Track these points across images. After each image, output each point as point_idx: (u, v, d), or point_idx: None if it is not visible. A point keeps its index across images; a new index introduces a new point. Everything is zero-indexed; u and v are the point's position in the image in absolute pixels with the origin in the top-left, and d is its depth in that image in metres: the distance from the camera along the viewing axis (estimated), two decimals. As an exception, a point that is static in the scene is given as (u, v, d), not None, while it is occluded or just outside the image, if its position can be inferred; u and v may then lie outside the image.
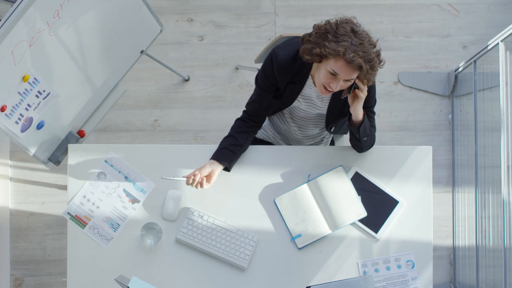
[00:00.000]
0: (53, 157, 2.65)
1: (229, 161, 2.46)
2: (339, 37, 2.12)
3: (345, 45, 2.11)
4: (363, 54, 2.11)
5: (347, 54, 2.11)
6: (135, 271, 2.48)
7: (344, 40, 2.11)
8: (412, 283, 2.49)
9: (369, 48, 2.13)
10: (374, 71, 2.17)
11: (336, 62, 2.14)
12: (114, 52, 2.69)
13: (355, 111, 2.31)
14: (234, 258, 2.47)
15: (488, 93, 3.11)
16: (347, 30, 2.13)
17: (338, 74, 2.16)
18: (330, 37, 2.13)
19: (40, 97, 2.42)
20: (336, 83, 2.18)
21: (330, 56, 2.13)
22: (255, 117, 2.49)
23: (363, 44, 2.12)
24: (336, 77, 2.17)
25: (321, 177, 2.51)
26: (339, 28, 2.14)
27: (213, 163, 2.44)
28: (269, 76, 2.35)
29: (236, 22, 3.49)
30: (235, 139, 2.46)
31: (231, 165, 2.47)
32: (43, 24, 2.24)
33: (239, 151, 2.47)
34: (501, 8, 3.51)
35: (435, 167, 3.31)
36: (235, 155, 2.47)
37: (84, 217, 2.51)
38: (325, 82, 2.20)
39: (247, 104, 2.50)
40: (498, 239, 2.94)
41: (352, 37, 2.12)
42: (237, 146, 2.46)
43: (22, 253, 3.33)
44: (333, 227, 2.49)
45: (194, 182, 2.39)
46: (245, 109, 2.51)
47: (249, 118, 2.49)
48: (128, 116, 3.43)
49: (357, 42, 2.11)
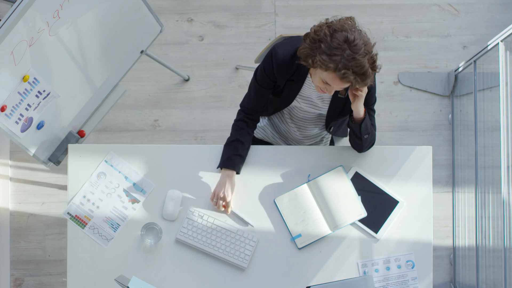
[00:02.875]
0: (53, 157, 2.65)
1: (240, 166, 2.49)
2: (332, 50, 2.07)
3: (337, 60, 2.07)
4: (356, 68, 2.08)
5: (337, 70, 2.08)
6: (135, 271, 2.48)
7: (336, 54, 2.07)
8: (412, 283, 2.49)
9: (363, 61, 2.08)
10: (367, 79, 2.14)
11: (328, 75, 2.13)
12: (114, 52, 2.69)
13: (356, 108, 2.31)
14: (234, 258, 2.47)
15: (488, 93, 3.11)
16: (341, 41, 2.07)
17: (330, 85, 2.17)
18: (323, 47, 2.09)
19: (40, 97, 2.42)
20: (330, 89, 2.20)
21: (322, 69, 2.12)
22: (254, 115, 2.49)
23: (356, 59, 2.07)
24: (329, 85, 2.18)
25: (321, 177, 2.51)
26: (333, 39, 2.08)
27: (230, 174, 2.46)
28: (268, 73, 2.35)
29: (236, 22, 3.50)
30: (241, 143, 2.47)
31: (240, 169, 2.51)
32: (43, 24, 2.24)
33: (246, 154, 2.50)
34: (501, 8, 3.51)
35: (435, 167, 3.31)
36: (243, 159, 2.49)
37: (84, 217, 2.51)
38: (320, 86, 2.21)
39: (244, 102, 2.49)
40: (498, 239, 2.94)
41: (345, 50, 2.07)
42: (244, 150, 2.48)
43: (22, 253, 3.33)
44: (333, 227, 2.49)
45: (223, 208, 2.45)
46: (242, 107, 2.50)
47: (247, 117, 2.49)
48: (128, 116, 3.43)
49: (350, 56, 2.07)
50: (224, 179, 2.46)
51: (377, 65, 2.16)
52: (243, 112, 2.50)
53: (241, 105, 2.51)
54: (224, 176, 2.46)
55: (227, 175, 2.46)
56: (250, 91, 2.46)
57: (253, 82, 2.43)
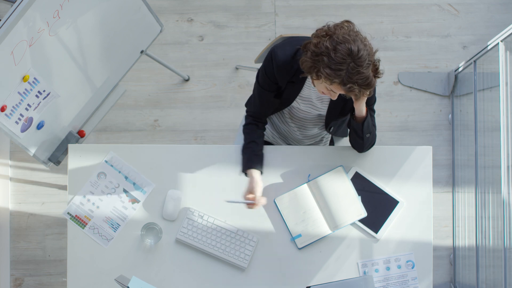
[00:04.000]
0: (53, 157, 2.65)
1: (261, 164, 2.48)
2: (336, 64, 2.05)
3: (341, 75, 2.05)
4: (361, 81, 2.06)
5: (342, 84, 2.07)
6: (135, 271, 2.48)
7: (340, 69, 2.05)
8: (412, 283, 2.49)
9: (367, 73, 2.06)
10: (372, 88, 2.13)
11: (333, 86, 2.12)
12: (114, 52, 2.69)
13: (359, 107, 2.31)
14: (234, 258, 2.47)
15: (488, 93, 3.11)
16: (344, 54, 2.04)
17: (335, 93, 2.17)
18: (326, 61, 2.06)
19: (40, 97, 2.42)
20: (334, 95, 2.20)
21: (326, 81, 2.11)
22: (262, 118, 2.50)
23: (360, 72, 2.05)
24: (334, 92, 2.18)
25: (321, 177, 2.51)
26: (337, 53, 2.04)
27: (255, 172, 2.45)
28: (270, 74, 2.35)
29: (236, 22, 3.49)
30: (256, 144, 2.48)
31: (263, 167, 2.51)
32: (43, 24, 2.24)
33: (262, 153, 2.50)
34: (501, 8, 3.51)
35: (435, 167, 3.31)
36: (262, 158, 2.49)
37: (84, 217, 2.51)
38: (324, 92, 2.21)
39: (251, 107, 2.49)
40: (498, 239, 2.94)
41: (349, 63, 2.04)
42: (260, 150, 2.49)
43: (22, 253, 3.33)
44: (333, 227, 2.49)
45: (257, 206, 2.43)
46: (249, 112, 2.50)
47: (257, 120, 2.49)
48: (128, 116, 3.43)
49: (354, 69, 2.04)
50: (250, 180, 2.46)
51: (380, 71, 2.16)
52: (251, 116, 2.50)
53: (247, 110, 2.52)
54: (249, 178, 2.46)
55: (251, 176, 2.46)
56: (255, 95, 2.46)
57: (256, 86, 2.43)
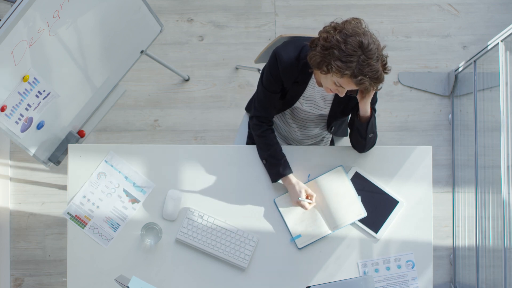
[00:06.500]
0: (53, 157, 2.65)
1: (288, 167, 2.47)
2: (346, 57, 2.07)
3: (352, 67, 2.07)
4: (371, 73, 2.09)
5: (353, 77, 2.09)
6: (135, 271, 2.48)
7: (351, 61, 2.07)
8: (412, 283, 2.49)
9: (377, 66, 2.09)
10: (381, 83, 2.15)
11: (343, 80, 2.13)
12: (114, 52, 2.69)
13: (364, 106, 2.31)
14: (234, 258, 2.47)
15: (488, 93, 3.11)
16: (355, 46, 2.07)
17: (344, 88, 2.18)
18: (337, 53, 2.09)
19: (40, 97, 2.42)
20: (342, 91, 2.20)
21: (337, 75, 2.13)
22: (270, 120, 2.50)
23: (370, 64, 2.08)
24: (342, 87, 2.18)
25: (321, 177, 2.51)
26: (347, 45, 2.07)
27: (287, 180, 2.46)
28: (275, 77, 2.35)
29: (236, 22, 3.49)
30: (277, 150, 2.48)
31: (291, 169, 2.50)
32: (43, 24, 2.24)
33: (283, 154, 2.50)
34: (501, 8, 3.51)
35: (435, 167, 3.31)
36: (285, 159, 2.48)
37: (84, 217, 2.51)
38: (331, 88, 2.21)
39: (256, 112, 2.47)
40: (498, 239, 2.94)
41: (359, 55, 2.07)
42: (281, 152, 2.48)
43: (22, 253, 3.33)
44: (333, 227, 2.49)
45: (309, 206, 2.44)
46: (255, 116, 2.48)
47: (268, 124, 2.49)
48: (128, 116, 3.43)
49: (364, 61, 2.07)
50: (288, 187, 2.47)
51: (388, 67, 2.18)
52: (258, 120, 2.48)
53: (253, 115, 2.49)
54: (286, 185, 2.47)
55: (287, 183, 2.47)
56: (260, 99, 2.44)
57: (261, 90, 2.42)
